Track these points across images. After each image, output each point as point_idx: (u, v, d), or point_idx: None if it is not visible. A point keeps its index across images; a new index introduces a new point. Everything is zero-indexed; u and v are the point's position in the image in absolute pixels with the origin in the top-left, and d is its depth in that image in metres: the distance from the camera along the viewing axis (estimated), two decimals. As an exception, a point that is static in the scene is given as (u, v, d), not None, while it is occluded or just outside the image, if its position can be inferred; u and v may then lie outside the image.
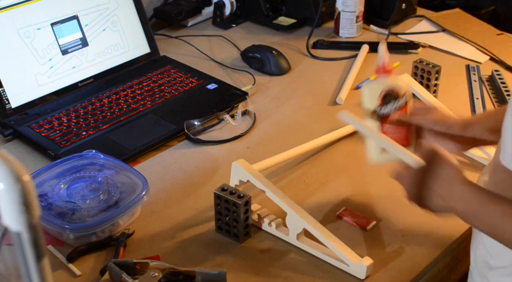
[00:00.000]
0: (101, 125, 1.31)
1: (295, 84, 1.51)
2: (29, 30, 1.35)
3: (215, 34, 1.73)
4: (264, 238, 1.06)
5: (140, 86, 1.44)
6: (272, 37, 1.71)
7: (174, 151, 1.28)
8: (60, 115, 1.33)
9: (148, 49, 1.54)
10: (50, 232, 1.04)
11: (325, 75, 1.52)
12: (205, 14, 1.80)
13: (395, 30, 1.73)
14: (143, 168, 1.20)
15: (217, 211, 1.05)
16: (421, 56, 1.57)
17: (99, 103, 1.37)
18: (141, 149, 1.26)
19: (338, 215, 1.10)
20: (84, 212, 1.05)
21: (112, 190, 1.09)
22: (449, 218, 0.87)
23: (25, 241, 0.49)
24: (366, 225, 1.08)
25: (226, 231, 1.05)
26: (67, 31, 1.40)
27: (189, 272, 0.95)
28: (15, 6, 1.34)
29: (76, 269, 0.99)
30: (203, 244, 1.05)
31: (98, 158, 1.15)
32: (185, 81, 1.47)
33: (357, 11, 1.69)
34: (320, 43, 1.67)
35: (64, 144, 1.26)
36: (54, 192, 1.08)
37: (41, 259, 0.51)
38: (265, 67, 1.54)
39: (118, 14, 1.49)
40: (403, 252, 1.03)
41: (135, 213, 1.08)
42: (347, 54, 1.63)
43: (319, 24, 1.75)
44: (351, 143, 1.28)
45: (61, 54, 1.39)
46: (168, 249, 1.04)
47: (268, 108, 1.41)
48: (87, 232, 1.02)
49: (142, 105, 1.38)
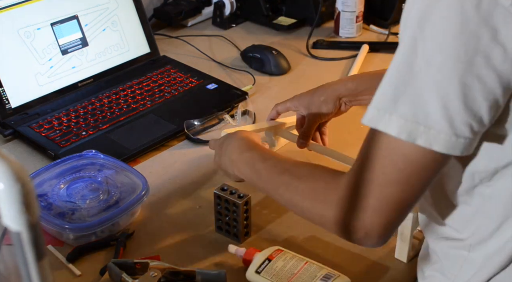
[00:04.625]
0: (101, 125, 1.31)
1: (295, 84, 1.51)
2: (29, 30, 1.35)
3: (215, 34, 1.73)
4: (264, 237, 1.06)
5: (140, 86, 1.44)
6: (272, 37, 1.71)
7: (174, 151, 1.28)
8: (60, 115, 1.33)
9: (148, 49, 1.54)
10: (50, 232, 1.04)
11: (325, 75, 1.52)
12: (205, 14, 1.80)
13: (395, 30, 1.73)
14: (143, 168, 1.20)
15: (217, 211, 1.05)
16: (421, 56, 1.57)
17: (99, 103, 1.37)
18: (141, 149, 1.26)
19: None
20: (84, 212, 1.05)
21: (112, 190, 1.09)
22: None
23: (25, 241, 0.49)
24: None
25: (226, 231, 1.05)
26: (67, 31, 1.40)
27: (189, 272, 0.95)
28: (15, 6, 1.34)
29: (76, 269, 0.99)
30: (203, 244, 1.05)
31: (98, 158, 1.15)
32: (185, 81, 1.47)
33: (357, 11, 1.69)
34: (320, 43, 1.67)
35: (64, 143, 1.26)
36: (54, 192, 1.08)
37: (41, 259, 0.50)
38: (265, 67, 1.54)
39: (118, 14, 1.49)
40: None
41: (135, 213, 1.08)
42: (347, 54, 1.63)
43: (319, 24, 1.75)
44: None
45: (61, 54, 1.39)
46: (168, 249, 1.04)
47: (268, 108, 1.40)
48: (87, 232, 1.02)
49: (142, 105, 1.38)
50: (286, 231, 1.07)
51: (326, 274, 0.94)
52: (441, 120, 0.69)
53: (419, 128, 0.69)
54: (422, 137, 0.70)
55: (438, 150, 0.70)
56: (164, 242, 1.05)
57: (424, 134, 0.69)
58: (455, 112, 0.68)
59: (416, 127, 0.70)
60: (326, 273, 0.95)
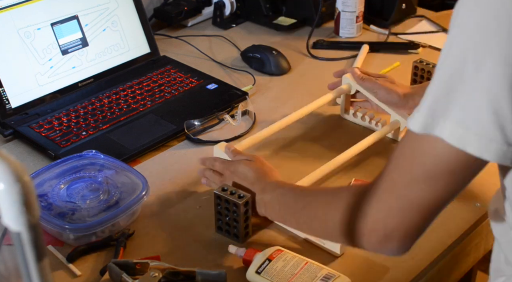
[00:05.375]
0: (101, 125, 1.31)
1: (295, 84, 1.51)
2: (29, 30, 1.35)
3: (215, 34, 1.73)
4: (265, 238, 1.06)
5: (140, 86, 1.44)
6: (272, 37, 1.71)
7: (174, 151, 1.28)
8: (60, 115, 1.33)
9: (148, 49, 1.54)
10: (50, 232, 1.04)
11: (325, 75, 1.51)
12: (205, 14, 1.80)
13: (395, 30, 1.73)
14: (143, 168, 1.20)
15: (217, 211, 1.05)
16: (421, 56, 1.57)
17: (99, 103, 1.37)
18: (141, 149, 1.26)
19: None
20: (84, 212, 1.05)
21: (112, 190, 1.09)
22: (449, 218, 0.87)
23: (25, 241, 0.49)
24: None
25: (226, 231, 1.05)
26: (67, 31, 1.40)
27: (189, 272, 0.95)
28: (15, 6, 1.34)
29: (76, 269, 0.99)
30: (203, 244, 1.05)
31: (98, 158, 1.15)
32: (185, 81, 1.47)
33: (357, 11, 1.69)
34: (320, 43, 1.67)
35: (64, 144, 1.26)
36: (54, 192, 1.08)
37: (41, 259, 0.50)
38: (265, 67, 1.54)
39: (118, 14, 1.49)
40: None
41: (135, 213, 1.08)
42: (347, 54, 1.63)
43: (319, 24, 1.75)
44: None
45: (61, 54, 1.39)
46: (168, 249, 1.04)
47: (268, 108, 1.41)
48: (87, 232, 1.02)
49: (142, 105, 1.38)
50: (286, 231, 1.07)
51: (326, 274, 0.94)
52: (493, 128, 0.67)
53: (470, 135, 0.68)
54: (473, 145, 0.68)
55: (490, 159, 0.69)
56: (164, 242, 1.05)
57: (475, 142, 0.68)
58: (507, 120, 0.67)
59: (468, 134, 0.68)
60: (326, 273, 0.95)
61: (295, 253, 0.98)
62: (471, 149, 0.68)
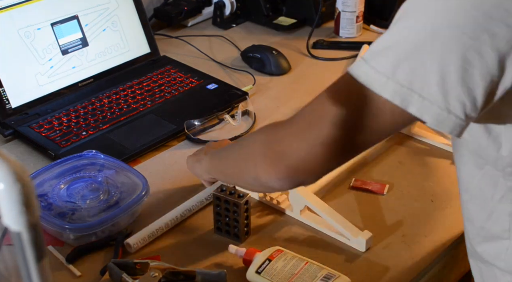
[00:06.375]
0: (101, 125, 1.31)
1: (295, 84, 1.51)
2: (29, 30, 1.35)
3: (215, 34, 1.73)
4: (265, 237, 1.06)
5: (140, 86, 1.44)
6: (272, 37, 1.71)
7: (174, 151, 1.28)
8: (60, 115, 1.33)
9: (148, 49, 1.54)
10: (50, 232, 1.04)
11: (325, 75, 1.52)
12: (205, 14, 1.80)
13: (395, 30, 1.73)
14: (143, 168, 1.20)
15: (216, 212, 1.05)
16: (421, 56, 1.57)
17: (99, 103, 1.37)
18: (141, 149, 1.26)
19: (353, 185, 1.14)
20: (84, 212, 1.05)
21: (112, 190, 1.09)
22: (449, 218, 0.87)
23: (25, 241, 0.49)
24: (382, 190, 1.13)
25: (225, 231, 1.05)
26: (67, 31, 1.40)
27: (189, 272, 0.95)
28: (15, 6, 1.34)
29: (76, 269, 0.99)
30: (203, 244, 1.05)
31: (98, 158, 1.15)
32: (185, 81, 1.47)
33: (357, 11, 1.69)
34: (320, 43, 1.67)
35: (64, 144, 1.26)
36: (54, 192, 1.08)
37: (41, 259, 0.50)
38: (265, 67, 1.54)
39: (118, 14, 1.49)
40: (403, 252, 1.03)
41: (135, 213, 1.08)
42: (347, 54, 1.63)
43: (319, 24, 1.75)
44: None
45: (61, 54, 1.39)
46: (168, 249, 1.04)
47: (268, 108, 1.41)
48: (87, 232, 1.02)
49: (142, 105, 1.38)
50: (286, 231, 1.07)
51: (326, 274, 0.94)
52: (437, 92, 0.70)
53: (414, 96, 0.70)
54: (415, 106, 0.70)
55: (428, 121, 0.71)
56: (164, 242, 1.05)
57: (417, 103, 0.70)
58: (452, 86, 0.69)
59: (411, 95, 0.70)
60: (326, 273, 0.95)
61: (295, 253, 0.98)
62: (412, 109, 0.70)
